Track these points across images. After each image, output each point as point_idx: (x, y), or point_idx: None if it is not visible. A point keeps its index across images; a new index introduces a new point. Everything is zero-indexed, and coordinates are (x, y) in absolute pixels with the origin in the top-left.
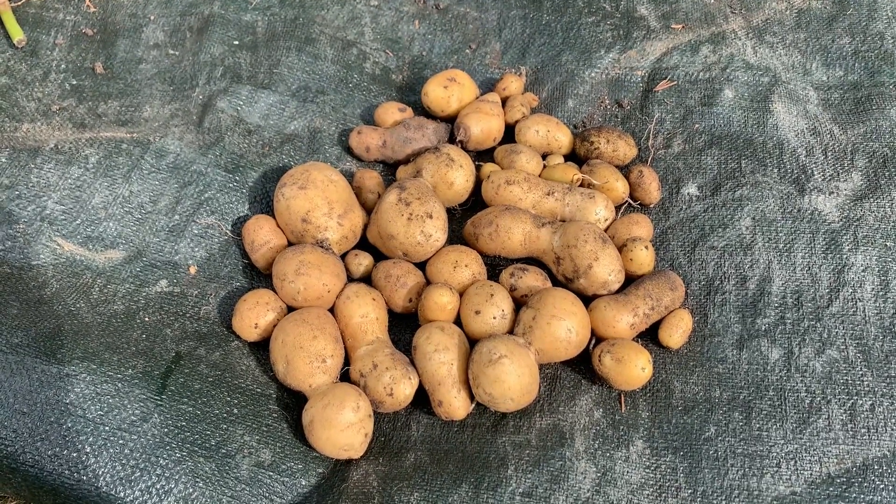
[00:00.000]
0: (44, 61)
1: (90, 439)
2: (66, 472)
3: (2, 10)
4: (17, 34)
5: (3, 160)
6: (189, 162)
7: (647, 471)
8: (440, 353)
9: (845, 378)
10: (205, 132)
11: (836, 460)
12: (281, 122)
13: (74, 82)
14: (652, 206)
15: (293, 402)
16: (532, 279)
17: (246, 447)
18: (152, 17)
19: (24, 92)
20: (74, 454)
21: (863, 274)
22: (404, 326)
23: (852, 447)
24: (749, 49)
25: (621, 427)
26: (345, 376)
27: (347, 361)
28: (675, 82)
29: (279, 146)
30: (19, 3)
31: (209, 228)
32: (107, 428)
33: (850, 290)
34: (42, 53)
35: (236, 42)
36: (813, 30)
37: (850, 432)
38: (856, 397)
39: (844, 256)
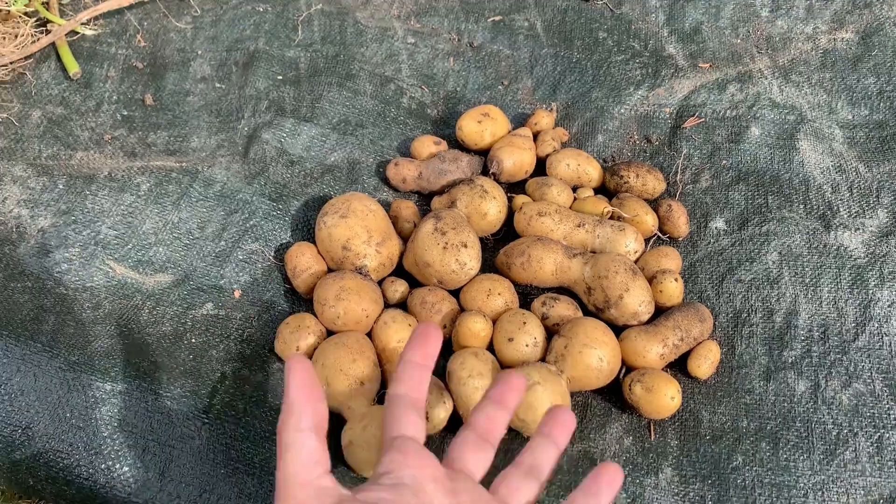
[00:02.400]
0: (97, 93)
1: (141, 454)
2: (119, 485)
3: (59, 44)
4: (73, 67)
5: (61, 186)
6: (235, 191)
7: (676, 498)
8: (474, 378)
9: (872, 411)
10: (250, 162)
11: (863, 492)
12: (322, 153)
13: (125, 113)
14: (680, 239)
15: (331, 423)
16: (563, 308)
17: None
18: (200, 52)
19: (78, 122)
20: (126, 469)
21: (889, 309)
22: (439, 352)
23: (879, 479)
24: (775, 88)
25: (651, 455)
26: (381, 399)
27: (384, 385)
28: (703, 119)
29: (320, 176)
30: (75, 38)
31: (253, 254)
32: (156, 444)
33: (877, 325)
34: (95, 85)
35: (280, 77)
36: (838, 70)
37: (878, 465)
38: (882, 430)
39: (870, 292)
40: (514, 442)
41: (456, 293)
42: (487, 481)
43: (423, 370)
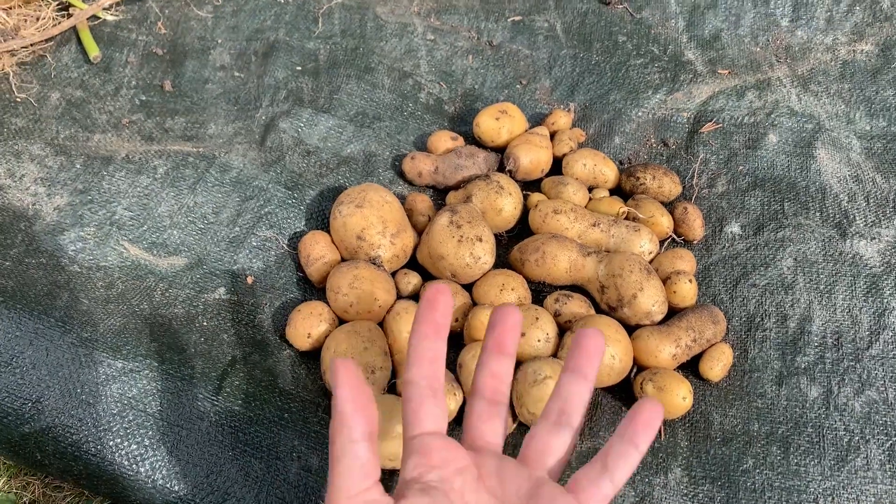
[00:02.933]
0: (116, 77)
1: (150, 433)
2: (126, 463)
3: (80, 28)
4: (94, 51)
5: (78, 166)
6: (251, 178)
7: (685, 498)
8: None
9: (884, 419)
10: (267, 151)
11: (873, 499)
12: (338, 144)
13: (144, 98)
14: (695, 242)
15: None
16: (576, 306)
17: (295, 451)
18: (220, 41)
19: (96, 105)
20: (134, 446)
21: None
22: (450, 344)
23: (890, 487)
24: (794, 96)
25: (660, 454)
26: (391, 389)
27: (394, 375)
28: (721, 125)
29: (336, 167)
30: (96, 23)
31: (267, 241)
32: (165, 423)
33: (891, 334)
34: (115, 70)
35: (299, 68)
36: (857, 81)
37: (889, 473)
38: (895, 438)
39: (885, 300)
40: (523, 437)
41: (469, 287)
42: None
43: (435, 344)
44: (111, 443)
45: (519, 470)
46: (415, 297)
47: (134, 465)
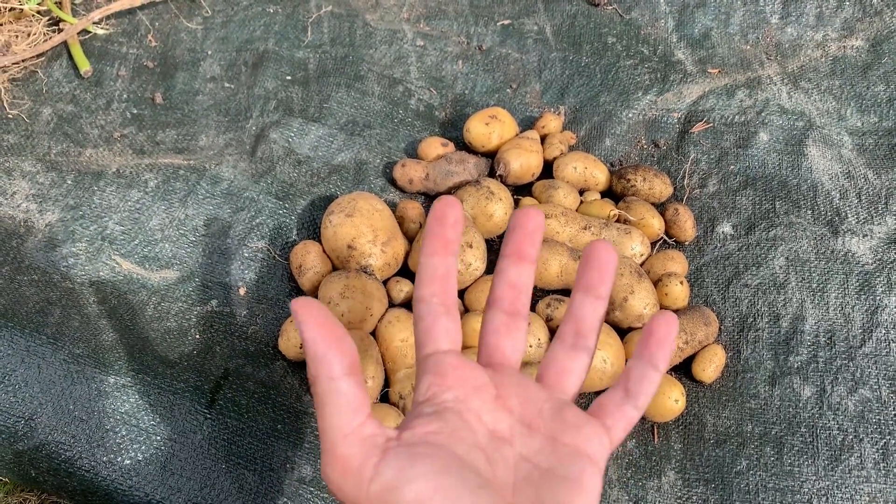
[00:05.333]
0: (107, 91)
1: (143, 448)
2: (120, 478)
3: (71, 43)
4: (84, 65)
5: (69, 182)
6: (242, 189)
7: (679, 501)
8: None
9: (878, 417)
10: (257, 161)
11: (867, 498)
12: (329, 153)
13: (135, 111)
14: (687, 243)
15: None
16: None
17: (289, 462)
18: (210, 52)
19: (88, 119)
20: (128, 462)
21: None
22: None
23: (885, 486)
24: (784, 94)
25: (654, 458)
26: (384, 398)
27: (387, 383)
28: (711, 124)
29: (327, 176)
30: (87, 37)
31: (259, 252)
32: (158, 438)
33: (884, 332)
34: (106, 84)
35: (289, 77)
36: (848, 77)
37: (883, 471)
38: (888, 437)
39: (878, 298)
40: None
41: (461, 294)
42: None
43: (445, 260)
44: (105, 458)
45: (540, 391)
46: (407, 304)
47: (128, 481)
